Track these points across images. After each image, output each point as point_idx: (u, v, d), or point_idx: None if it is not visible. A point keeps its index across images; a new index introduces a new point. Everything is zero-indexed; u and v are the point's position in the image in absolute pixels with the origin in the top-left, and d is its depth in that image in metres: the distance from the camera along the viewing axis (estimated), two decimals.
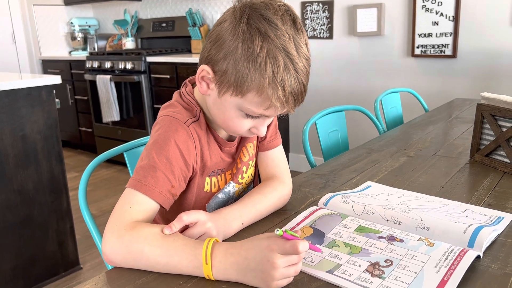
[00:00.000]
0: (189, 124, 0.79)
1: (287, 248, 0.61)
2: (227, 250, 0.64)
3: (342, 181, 1.08)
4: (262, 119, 0.78)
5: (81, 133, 4.16)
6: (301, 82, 0.72)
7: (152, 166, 0.74)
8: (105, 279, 0.67)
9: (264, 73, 0.69)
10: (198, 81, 0.78)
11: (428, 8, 2.64)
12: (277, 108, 0.73)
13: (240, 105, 0.74)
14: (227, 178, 0.91)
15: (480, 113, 1.17)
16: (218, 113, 0.79)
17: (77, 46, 4.47)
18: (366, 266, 0.67)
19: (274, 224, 0.84)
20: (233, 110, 0.76)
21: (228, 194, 0.92)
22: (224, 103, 0.76)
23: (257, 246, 0.63)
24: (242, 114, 0.76)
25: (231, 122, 0.78)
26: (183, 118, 0.79)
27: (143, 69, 3.35)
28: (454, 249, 0.69)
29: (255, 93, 0.71)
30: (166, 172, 0.75)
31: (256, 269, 0.62)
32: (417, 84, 2.78)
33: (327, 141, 1.58)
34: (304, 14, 3.17)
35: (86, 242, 2.37)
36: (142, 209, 0.72)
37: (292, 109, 0.75)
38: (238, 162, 0.92)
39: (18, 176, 1.86)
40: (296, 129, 3.43)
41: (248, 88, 0.71)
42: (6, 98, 1.80)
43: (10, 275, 1.89)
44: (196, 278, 0.66)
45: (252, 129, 0.79)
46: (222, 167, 0.89)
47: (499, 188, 0.99)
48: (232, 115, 0.76)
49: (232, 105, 0.75)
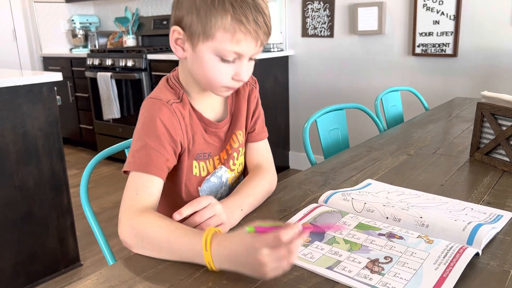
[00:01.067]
0: (171, 104, 0.84)
1: (271, 243, 0.60)
2: (221, 242, 0.66)
3: (342, 179, 1.08)
4: (239, 63, 0.81)
5: (82, 130, 4.16)
6: (261, 10, 0.77)
7: (144, 147, 0.80)
8: (107, 274, 0.68)
9: (224, 10, 0.75)
10: (173, 46, 0.84)
11: (429, 7, 2.64)
12: (247, 40, 0.78)
13: (214, 49, 0.79)
14: (216, 163, 0.94)
15: (480, 111, 1.17)
16: (198, 69, 0.83)
17: (78, 43, 4.47)
18: (365, 263, 0.67)
19: (276, 220, 0.84)
20: (209, 57, 0.80)
21: (221, 178, 0.95)
22: (200, 55, 0.81)
23: (243, 243, 0.63)
24: (218, 60, 0.80)
25: (211, 73, 0.82)
26: (166, 98, 0.85)
27: (144, 66, 3.35)
28: (453, 246, 0.69)
29: (222, 30, 0.77)
30: (158, 148, 0.81)
31: (246, 264, 0.63)
32: (417, 82, 2.78)
33: (328, 139, 1.59)
34: (305, 13, 3.18)
35: (87, 239, 2.37)
36: (148, 192, 0.78)
37: (262, 40, 0.80)
38: (229, 148, 0.96)
39: (19, 172, 1.87)
40: (296, 127, 3.43)
41: (215, 28, 0.77)
42: (7, 95, 1.80)
43: (11, 271, 1.89)
44: (197, 274, 0.66)
45: (234, 77, 0.82)
46: (209, 151, 0.92)
47: (498, 186, 1.00)
48: (210, 64, 0.80)
49: (207, 53, 0.80)
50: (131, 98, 3.54)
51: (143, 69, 3.37)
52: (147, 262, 0.70)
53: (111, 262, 0.93)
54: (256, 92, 1.01)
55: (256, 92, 1.01)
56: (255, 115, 1.01)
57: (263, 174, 0.96)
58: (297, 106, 3.40)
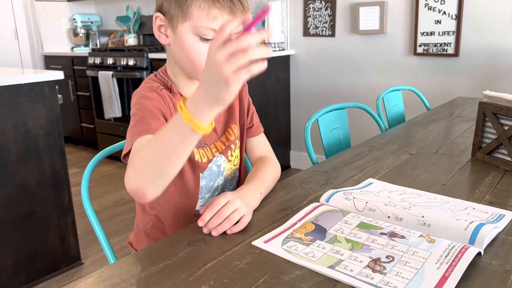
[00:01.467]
0: (161, 90, 0.88)
1: (218, 39, 0.56)
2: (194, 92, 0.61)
3: (344, 178, 1.08)
4: None
5: (83, 129, 4.16)
6: None
7: (140, 119, 0.82)
8: (108, 272, 0.68)
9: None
10: (156, 34, 0.88)
11: (431, 6, 2.63)
12: (224, 17, 0.80)
13: (193, 28, 0.82)
14: (213, 151, 0.98)
15: (482, 111, 1.17)
16: (180, 52, 0.86)
17: (79, 42, 4.47)
18: (367, 262, 0.67)
19: (276, 220, 0.84)
20: (189, 38, 0.83)
21: (219, 168, 0.98)
22: (180, 37, 0.84)
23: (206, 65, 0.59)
24: (198, 39, 0.83)
25: (192, 54, 0.84)
26: (155, 85, 0.89)
27: (145, 65, 3.35)
28: (455, 245, 0.69)
29: (197, 9, 0.80)
30: (153, 117, 0.83)
31: (214, 82, 0.58)
32: (419, 82, 2.78)
33: (329, 139, 1.59)
34: (307, 12, 3.17)
35: (88, 238, 2.38)
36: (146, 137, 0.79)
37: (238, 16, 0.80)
38: (225, 140, 1.00)
39: (20, 171, 1.87)
40: (297, 126, 3.43)
41: (191, 8, 0.81)
42: (9, 93, 1.80)
43: (12, 270, 1.89)
44: (198, 272, 0.66)
45: None
46: (203, 139, 0.96)
47: (500, 186, 0.99)
48: (191, 44, 0.83)
49: (187, 33, 0.83)
50: None
51: (144, 68, 3.37)
52: (149, 261, 0.70)
53: (112, 261, 0.93)
54: (246, 88, 1.06)
55: (246, 88, 1.06)
56: (250, 111, 1.06)
57: (269, 162, 1.02)
58: (299, 105, 3.40)
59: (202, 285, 0.63)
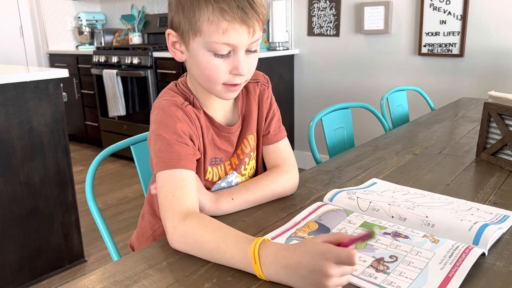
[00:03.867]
0: (186, 106, 0.82)
1: (343, 259, 0.58)
2: (279, 251, 0.63)
3: (348, 178, 1.08)
4: (235, 57, 0.78)
5: (87, 127, 4.18)
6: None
7: (167, 145, 0.77)
8: (112, 269, 0.68)
9: (205, 1, 0.73)
10: (171, 51, 0.83)
11: (436, 6, 2.63)
12: (236, 29, 0.74)
13: (205, 44, 0.76)
14: (227, 168, 0.92)
15: (487, 111, 1.16)
16: (196, 69, 0.81)
17: (84, 40, 4.49)
18: (370, 262, 0.67)
19: (279, 219, 0.84)
20: (203, 54, 0.77)
21: (230, 184, 0.93)
22: (194, 54, 0.79)
23: (311, 252, 0.60)
24: (211, 55, 0.77)
25: (208, 71, 0.79)
26: (180, 101, 0.82)
27: (149, 64, 3.36)
28: (459, 246, 0.69)
29: (207, 22, 0.74)
30: (181, 143, 0.78)
31: (308, 277, 0.59)
32: (423, 82, 2.77)
33: (333, 138, 1.58)
34: (311, 11, 3.17)
35: (91, 235, 2.38)
36: (185, 192, 0.76)
37: (253, 27, 0.76)
38: (240, 153, 0.93)
39: (24, 168, 1.88)
40: (301, 126, 3.43)
41: (200, 22, 0.75)
42: (14, 91, 1.81)
43: (16, 266, 1.90)
44: (201, 270, 0.66)
45: (232, 71, 0.79)
46: (220, 156, 0.90)
47: (505, 187, 0.99)
48: (204, 61, 0.78)
49: (199, 49, 0.77)
50: (137, 96, 3.55)
51: (149, 66, 3.37)
52: (152, 258, 0.70)
53: (116, 258, 0.94)
54: (268, 92, 0.97)
55: (268, 92, 0.97)
56: (269, 116, 0.97)
57: (274, 173, 0.93)
58: (303, 105, 3.39)
59: (205, 283, 0.63)
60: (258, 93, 0.95)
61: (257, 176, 0.93)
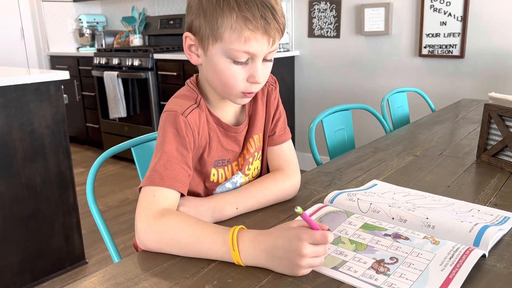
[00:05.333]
0: (187, 115, 0.81)
1: (317, 238, 0.63)
2: (256, 237, 0.67)
3: (348, 179, 1.08)
4: (253, 64, 0.78)
5: (88, 129, 4.18)
6: (269, 5, 0.74)
7: (167, 161, 0.77)
8: (112, 271, 0.68)
9: (229, 8, 0.73)
10: (187, 53, 0.83)
11: (436, 8, 2.63)
12: (257, 39, 0.74)
13: (224, 51, 0.76)
14: (234, 169, 0.92)
15: (487, 113, 1.16)
16: (213, 75, 0.81)
17: (85, 42, 4.50)
18: (371, 263, 0.67)
19: (280, 220, 0.84)
20: (221, 61, 0.77)
21: (235, 184, 0.93)
22: (212, 59, 0.78)
23: (286, 234, 0.65)
24: (230, 62, 0.77)
25: (225, 77, 0.79)
26: (182, 109, 0.81)
27: (150, 66, 3.36)
28: (460, 247, 0.69)
29: (229, 30, 0.74)
30: (180, 163, 0.78)
31: (283, 257, 0.64)
32: (424, 84, 2.77)
33: (333, 140, 1.58)
34: (312, 13, 3.17)
35: (92, 237, 2.39)
36: (165, 195, 0.76)
37: (273, 37, 0.76)
38: (246, 153, 0.93)
39: (26, 170, 1.88)
40: (302, 127, 3.43)
41: (222, 29, 0.74)
42: (15, 93, 1.82)
43: (17, 268, 1.91)
44: (202, 272, 0.66)
45: (249, 79, 0.79)
46: (228, 157, 0.90)
47: (505, 188, 0.99)
48: (223, 67, 0.78)
49: (218, 55, 0.77)
50: (137, 97, 3.55)
51: (150, 68, 3.38)
52: (153, 260, 0.71)
53: (116, 260, 0.94)
54: (275, 93, 0.97)
55: (275, 93, 0.97)
56: (276, 117, 0.97)
57: (277, 176, 0.93)
58: (303, 106, 3.40)
59: (206, 285, 0.63)
60: (266, 93, 0.95)
61: (262, 180, 0.92)
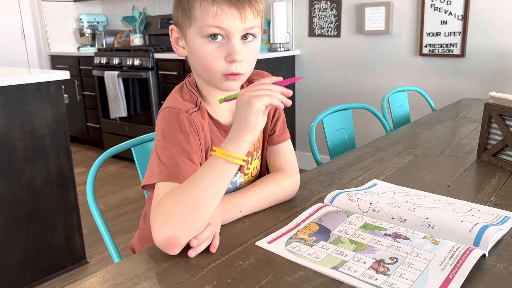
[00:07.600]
0: (190, 114, 0.81)
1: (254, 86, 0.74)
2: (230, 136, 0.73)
3: (348, 179, 1.08)
4: (229, 43, 0.78)
5: (89, 128, 4.18)
6: None
7: (172, 156, 0.77)
8: (112, 272, 0.68)
9: None
10: (174, 47, 0.86)
11: (437, 7, 2.62)
12: (227, 14, 0.76)
13: (199, 30, 0.78)
14: None
15: (487, 112, 1.16)
16: (194, 60, 0.83)
17: (86, 42, 4.50)
18: (371, 263, 0.67)
19: (280, 220, 0.84)
20: (198, 41, 0.79)
21: (235, 184, 0.93)
22: (191, 44, 0.81)
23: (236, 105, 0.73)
24: (205, 41, 0.79)
25: (203, 59, 0.80)
26: (185, 108, 0.81)
27: (150, 65, 3.36)
28: (460, 247, 0.69)
29: (199, 8, 0.77)
30: (185, 159, 0.78)
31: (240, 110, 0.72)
32: (424, 83, 2.77)
33: (334, 139, 1.58)
34: (312, 12, 3.17)
35: (93, 237, 2.39)
36: None
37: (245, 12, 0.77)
38: None
39: (26, 170, 1.88)
40: (302, 127, 3.43)
41: (193, 9, 0.78)
42: (15, 93, 1.82)
43: (18, 268, 1.91)
44: (202, 272, 0.66)
45: (227, 58, 0.79)
46: None
47: (506, 188, 0.99)
48: (199, 48, 0.80)
49: (195, 38, 0.80)
50: (138, 97, 3.55)
51: (150, 68, 3.38)
52: (153, 260, 0.71)
53: (117, 260, 0.94)
54: None
55: None
56: (275, 116, 0.97)
57: (278, 177, 0.93)
58: (303, 106, 3.40)
59: (205, 285, 0.63)
60: None
61: (263, 182, 0.91)
